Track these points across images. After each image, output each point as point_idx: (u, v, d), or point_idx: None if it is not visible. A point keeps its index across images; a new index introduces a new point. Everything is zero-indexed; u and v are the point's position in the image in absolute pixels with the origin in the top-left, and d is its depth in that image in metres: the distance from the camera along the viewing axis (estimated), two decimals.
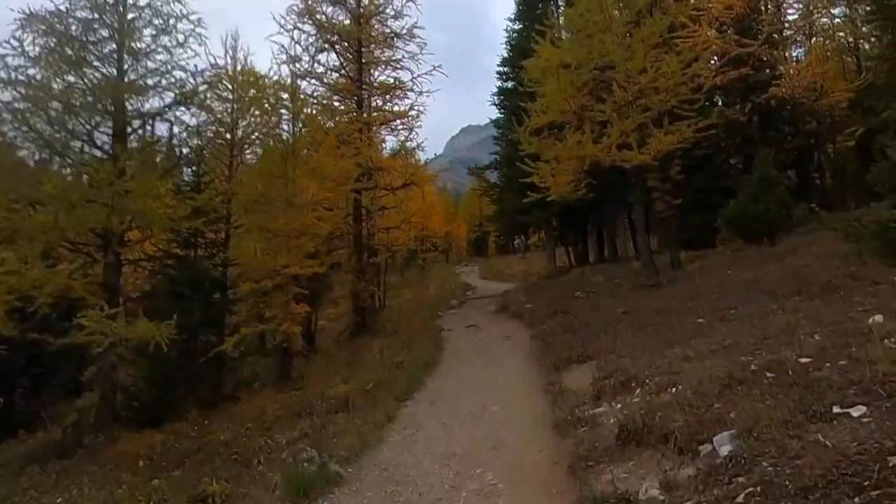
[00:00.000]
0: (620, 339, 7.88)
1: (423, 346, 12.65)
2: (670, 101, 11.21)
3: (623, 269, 17.52)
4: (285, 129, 14.38)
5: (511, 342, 12.22)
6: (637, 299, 10.49)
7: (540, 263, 37.08)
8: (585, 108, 12.03)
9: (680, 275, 11.53)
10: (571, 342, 9.17)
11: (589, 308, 11.63)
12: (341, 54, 19.09)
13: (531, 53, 22.87)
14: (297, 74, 17.89)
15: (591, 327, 9.66)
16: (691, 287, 9.54)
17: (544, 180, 13.08)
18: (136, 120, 13.61)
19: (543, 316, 13.59)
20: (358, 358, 14.19)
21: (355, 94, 18.65)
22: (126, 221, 12.17)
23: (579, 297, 14.26)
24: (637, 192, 12.60)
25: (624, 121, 11.04)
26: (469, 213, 70.44)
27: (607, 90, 11.55)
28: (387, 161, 18.68)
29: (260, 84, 14.91)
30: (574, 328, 10.31)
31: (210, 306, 13.47)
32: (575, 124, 12.35)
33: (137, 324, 10.53)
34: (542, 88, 12.73)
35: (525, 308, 15.79)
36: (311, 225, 13.58)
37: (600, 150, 11.24)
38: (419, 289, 34.10)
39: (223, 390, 13.46)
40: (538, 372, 8.81)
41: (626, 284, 13.38)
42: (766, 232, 12.34)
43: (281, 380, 13.20)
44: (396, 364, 11.50)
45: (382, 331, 17.90)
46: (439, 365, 10.43)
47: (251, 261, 12.95)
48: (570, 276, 20.61)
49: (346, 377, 11.84)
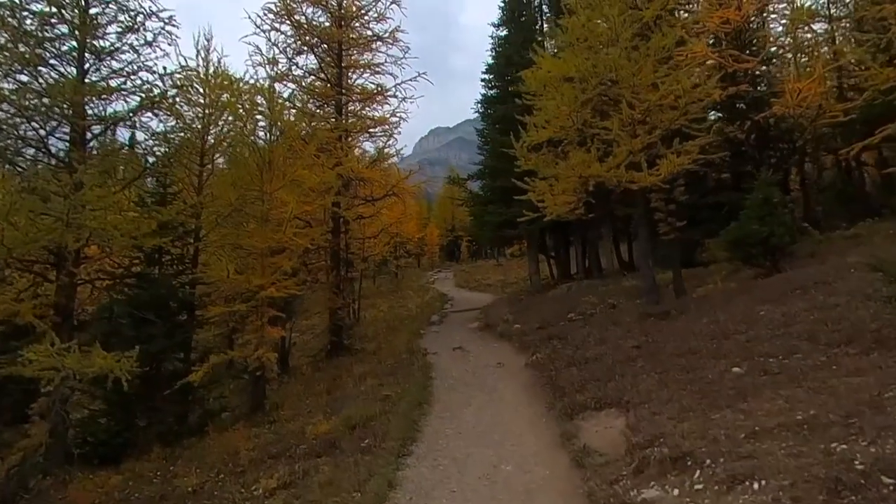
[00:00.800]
0: (643, 385, 7.19)
1: (409, 374, 11.78)
2: (679, 120, 10.65)
3: (614, 288, 16.97)
4: (261, 137, 13.32)
5: (504, 371, 11.47)
6: (645, 331, 9.84)
7: (518, 273, 36.60)
8: (589, 125, 11.38)
9: (687, 304, 10.95)
10: (580, 380, 8.45)
11: (588, 336, 10.94)
12: (321, 57, 18.08)
13: (518, 61, 22.46)
14: (273, 77, 16.87)
15: (599, 363, 8.96)
16: (708, 321, 8.91)
17: (542, 198, 12.37)
18: (96, 125, 12.43)
19: (536, 340, 12.90)
20: (338, 384, 13.22)
21: (334, 99, 17.66)
22: (82, 238, 10.98)
23: (573, 321, 13.61)
24: (640, 214, 12.00)
25: (632, 140, 10.41)
26: (441, 217, 69.91)
27: (614, 106, 10.93)
28: (368, 172, 17.73)
29: (234, 87, 13.84)
30: (577, 361, 9.60)
31: (175, 330, 12.32)
32: (576, 141, 11.70)
33: (93, 356, 9.38)
34: (542, 102, 12.03)
35: (513, 329, 15.10)
36: (288, 241, 12.58)
37: (606, 169, 10.59)
38: (394, 299, 33.16)
39: (189, 423, 12.31)
40: (546, 414, 8.08)
41: (627, 309, 12.77)
42: (770, 257, 11.90)
43: (253, 411, 12.13)
44: (383, 397, 10.61)
45: (361, 351, 16.94)
46: (433, 401, 9.58)
47: (222, 281, 11.86)
48: (557, 293, 20.01)
49: (327, 409, 10.90)
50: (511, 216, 20.35)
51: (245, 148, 13.07)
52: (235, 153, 13.90)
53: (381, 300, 33.71)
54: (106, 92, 12.10)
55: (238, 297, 12.67)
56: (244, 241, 12.31)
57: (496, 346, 14.43)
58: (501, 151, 21.37)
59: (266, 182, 12.52)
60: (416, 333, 17.21)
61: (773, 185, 12.25)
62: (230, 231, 12.77)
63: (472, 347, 14.42)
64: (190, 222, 12.95)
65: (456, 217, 67.92)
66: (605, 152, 11.05)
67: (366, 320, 25.73)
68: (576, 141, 11.91)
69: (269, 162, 12.74)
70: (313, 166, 13.81)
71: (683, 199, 11.78)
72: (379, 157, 19.25)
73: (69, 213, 10.29)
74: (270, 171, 12.73)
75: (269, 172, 12.70)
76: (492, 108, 23.54)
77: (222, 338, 16.72)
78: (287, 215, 12.03)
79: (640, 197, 11.72)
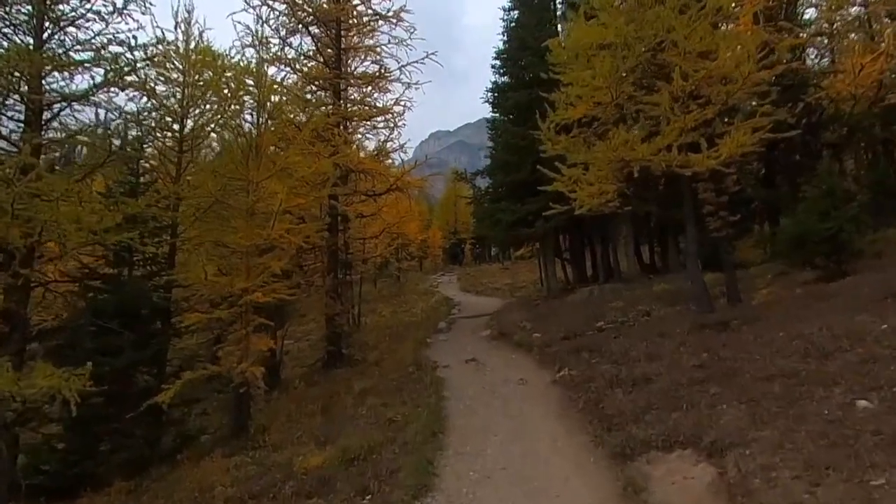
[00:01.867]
0: (727, 419, 5.52)
1: (418, 393, 10.11)
2: (737, 94, 9.00)
3: (642, 293, 15.29)
4: (248, 121, 11.66)
5: (529, 389, 9.80)
6: (705, 345, 8.14)
7: (526, 276, 34.90)
8: (631, 100, 9.71)
9: (747, 312, 9.27)
10: (633, 408, 6.79)
11: (630, 349, 9.23)
12: (317, 37, 16.46)
13: (532, 45, 20.84)
14: (264, 59, 15.24)
15: (654, 386, 7.28)
16: (787, 335, 7.22)
17: (573, 188, 10.65)
18: (56, 104, 10.82)
19: (561, 352, 11.22)
20: (335, 403, 11.55)
21: (332, 84, 16.02)
22: (33, 232, 9.34)
23: (604, 330, 11.92)
24: (689, 207, 10.31)
25: (685, 116, 8.74)
26: (444, 219, 68.44)
27: (664, 77, 9.26)
28: (369, 162, 16.06)
29: (218, 65, 12.21)
30: (623, 381, 7.93)
31: (147, 340, 10.65)
32: (612, 120, 10.04)
33: (35, 374, 7.70)
34: (573, 73, 10.32)
35: (533, 338, 13.41)
36: (278, 239, 10.92)
37: (653, 151, 8.91)
38: (396, 303, 31.48)
39: (162, 447, 10.65)
40: (593, 450, 6.41)
41: (669, 318, 11.11)
42: (836, 257, 10.23)
43: (236, 434, 10.44)
44: (388, 421, 8.94)
45: (362, 362, 15.27)
46: (448, 429, 7.90)
47: (200, 284, 10.21)
48: (576, 298, 18.31)
49: (320, 435, 9.22)
50: (525, 214, 18.71)
51: (229, 132, 11.43)
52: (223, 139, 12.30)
53: (382, 305, 32.04)
54: (67, 65, 10.48)
55: (223, 303, 11.08)
56: (227, 237, 10.65)
57: (514, 357, 12.76)
58: (515, 143, 19.82)
59: (252, 170, 10.86)
60: (422, 342, 15.52)
61: (836, 175, 10.60)
62: (211, 226, 11.14)
63: (486, 359, 12.75)
64: (165, 216, 11.31)
65: (459, 219, 66.38)
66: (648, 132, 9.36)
67: (366, 327, 24.07)
68: (612, 120, 10.26)
69: (256, 147, 11.09)
70: (307, 154, 12.16)
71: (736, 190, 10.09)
72: (381, 151, 17.63)
73: (15, 202, 8.68)
74: (258, 158, 11.08)
75: (257, 159, 11.05)
76: (504, 97, 21.84)
77: (206, 347, 15.05)
78: (276, 208, 10.36)
79: (686, 187, 10.06)
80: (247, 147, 11.06)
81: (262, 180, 10.83)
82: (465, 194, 30.32)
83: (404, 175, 16.47)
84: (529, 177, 18.78)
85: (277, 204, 10.18)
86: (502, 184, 21.12)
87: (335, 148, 13.96)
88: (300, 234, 12.27)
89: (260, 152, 11.12)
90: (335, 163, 13.38)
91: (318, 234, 13.60)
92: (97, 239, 9.45)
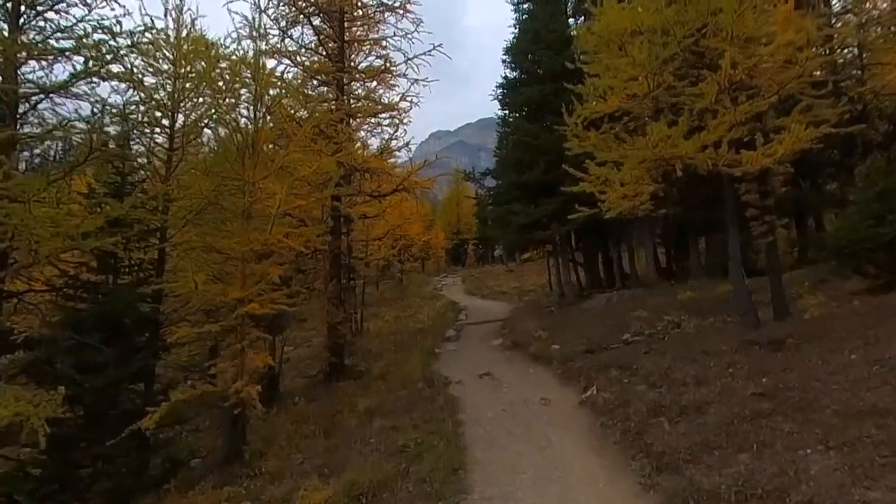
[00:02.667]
0: (817, 470, 4.56)
1: (430, 415, 9.15)
2: (791, 84, 8.03)
3: (665, 301, 14.31)
4: (245, 116, 10.70)
5: (554, 411, 8.86)
6: (760, 367, 7.16)
7: (534, 280, 33.85)
8: (670, 91, 8.72)
9: (801, 328, 8.28)
10: (686, 444, 5.84)
11: (670, 369, 8.26)
12: (319, 29, 15.51)
13: (546, 37, 19.88)
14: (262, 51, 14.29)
15: (707, 417, 6.31)
16: (863, 359, 6.26)
17: (605, 190, 9.63)
18: (34, 96, 9.88)
19: (586, 368, 10.28)
20: (338, 423, 10.60)
21: (335, 78, 15.06)
22: (5, 237, 8.40)
23: (632, 343, 10.96)
24: (731, 210, 9.31)
25: (735, 108, 7.76)
26: (446, 220, 67.47)
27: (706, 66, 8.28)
28: (375, 161, 15.08)
29: (212, 55, 11.27)
30: (667, 409, 6.98)
31: (132, 355, 9.69)
32: (646, 115, 9.07)
33: None
34: (603, 63, 9.28)
35: (551, 350, 12.45)
36: (276, 244, 9.97)
37: (698, 148, 7.92)
38: (400, 307, 30.47)
39: (148, 474, 9.69)
40: (642, 494, 5.47)
41: (707, 331, 10.15)
42: (891, 266, 9.25)
43: (229, 460, 9.49)
44: (399, 449, 7.99)
45: (366, 374, 14.30)
46: (470, 465, 6.93)
47: (190, 294, 9.26)
48: (594, 304, 17.33)
49: (323, 465, 8.28)
50: (540, 216, 17.74)
51: (223, 128, 10.49)
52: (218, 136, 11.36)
53: (385, 308, 31.04)
54: (46, 54, 9.53)
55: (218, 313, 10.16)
56: (220, 242, 9.69)
57: (532, 372, 11.81)
58: (527, 141, 18.84)
59: (249, 169, 9.93)
60: (430, 353, 14.54)
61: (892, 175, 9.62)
62: (204, 230, 10.19)
63: (502, 374, 11.80)
64: (154, 219, 10.37)
65: (462, 219, 65.39)
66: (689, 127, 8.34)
67: (370, 333, 23.09)
68: (645, 114, 9.30)
69: (252, 144, 10.15)
70: (308, 151, 11.22)
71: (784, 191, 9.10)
72: (386, 149, 16.66)
73: None
74: (255, 156, 10.14)
75: (253, 157, 10.11)
76: (515, 93, 20.79)
77: (203, 358, 14.09)
78: (274, 210, 9.41)
79: (728, 188, 9.08)
80: (243, 144, 10.13)
81: (259, 180, 9.90)
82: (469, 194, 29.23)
83: (411, 175, 15.49)
84: (543, 176, 17.84)
85: (276, 205, 9.21)
86: (513, 184, 20.13)
87: (338, 145, 13.00)
88: (301, 237, 11.31)
89: (257, 149, 10.18)
90: (338, 161, 12.42)
91: (320, 237, 12.64)
92: (75, 245, 8.49)
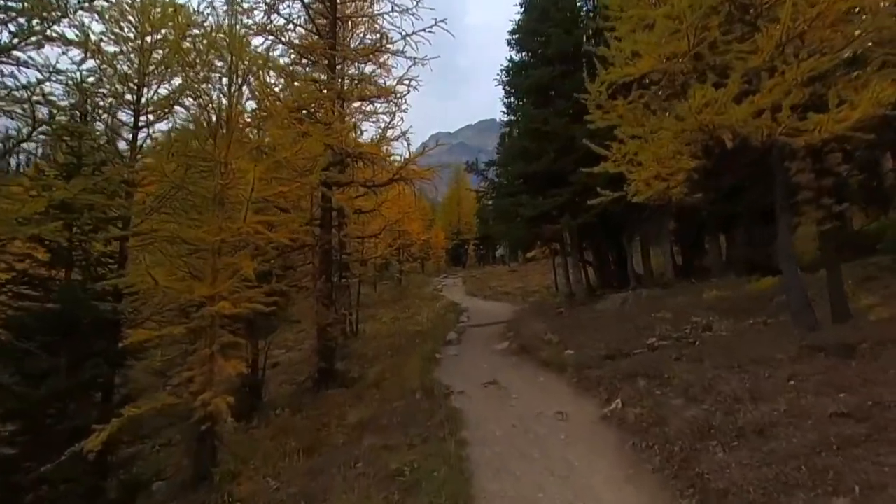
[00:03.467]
0: None
1: (429, 433, 7.84)
2: (857, 41, 6.75)
3: (688, 300, 13.01)
4: (217, 89, 9.42)
5: (572, 428, 7.57)
6: (830, 379, 5.86)
7: (538, 280, 32.56)
8: (714, 49, 7.40)
9: (871, 332, 6.98)
10: (752, 479, 4.58)
11: (714, 380, 6.96)
12: (309, 5, 14.24)
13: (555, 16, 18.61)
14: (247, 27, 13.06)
15: (774, 441, 5.02)
16: None
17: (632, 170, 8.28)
18: None
19: (607, 377, 8.97)
20: (323, 438, 9.32)
21: (325, 56, 13.78)
22: None
23: (658, 349, 9.65)
24: (781, 192, 7.96)
25: (798, 66, 6.43)
26: (447, 219, 66.42)
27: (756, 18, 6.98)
28: (369, 147, 13.80)
29: (182, 21, 10.01)
30: (718, 430, 5.69)
31: (88, 362, 8.40)
32: (694, 75, 7.70)
33: None
34: (634, 18, 7.96)
35: (564, 356, 11.16)
36: (252, 234, 8.67)
37: (751, 113, 6.58)
38: (398, 309, 29.18)
39: (105, 498, 8.38)
40: None
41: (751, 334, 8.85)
42: None
43: (195, 483, 8.19)
44: (392, 474, 6.68)
45: (359, 381, 12.99)
46: (476, 498, 5.64)
47: (151, 291, 7.98)
48: (607, 305, 16.02)
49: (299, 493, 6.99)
50: (549, 207, 16.44)
51: (194, 100, 9.22)
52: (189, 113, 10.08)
53: (383, 310, 29.76)
54: None
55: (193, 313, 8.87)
56: (188, 232, 8.40)
57: (542, 380, 10.50)
58: (536, 128, 17.54)
59: (221, 148, 8.66)
60: (429, 358, 13.23)
61: None
62: (170, 218, 8.92)
63: (509, 382, 10.50)
64: (112, 205, 9.08)
65: (462, 219, 64.25)
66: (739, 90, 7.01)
67: (365, 335, 21.80)
68: (683, 79, 7.98)
69: (226, 120, 8.89)
70: (290, 130, 9.94)
71: (842, 171, 7.75)
72: (382, 138, 15.36)
73: None
74: (228, 134, 8.86)
75: (227, 136, 8.83)
76: (522, 76, 19.45)
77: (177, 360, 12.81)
78: (247, 194, 8.12)
79: (778, 166, 7.77)
80: (216, 120, 8.86)
81: (231, 160, 8.61)
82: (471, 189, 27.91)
83: (409, 163, 14.18)
84: (552, 165, 16.56)
85: (248, 187, 7.93)
86: (520, 175, 18.81)
87: (328, 127, 11.71)
88: (283, 228, 10.04)
89: (231, 126, 8.90)
90: (328, 144, 11.13)
91: (305, 228, 11.34)
92: (11, 232, 7.21)
